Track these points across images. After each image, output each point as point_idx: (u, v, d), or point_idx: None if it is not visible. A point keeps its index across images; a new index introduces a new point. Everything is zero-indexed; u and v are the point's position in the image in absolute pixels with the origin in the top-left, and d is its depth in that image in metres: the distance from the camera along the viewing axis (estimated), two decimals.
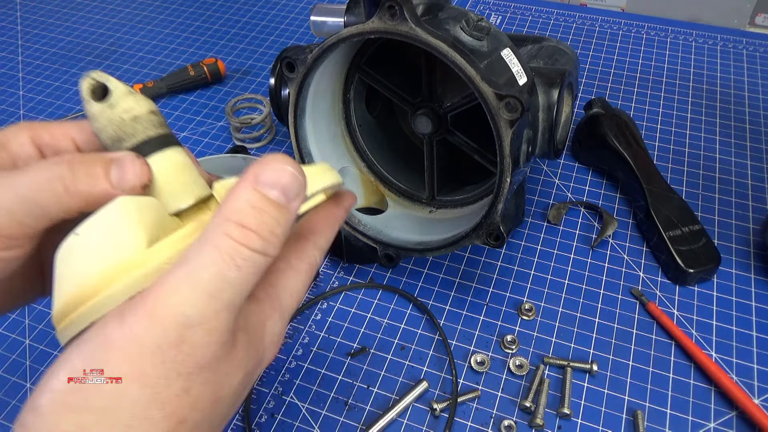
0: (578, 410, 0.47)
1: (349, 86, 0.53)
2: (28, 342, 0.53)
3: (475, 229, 0.45)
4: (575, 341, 0.51)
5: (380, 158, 0.56)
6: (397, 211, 0.55)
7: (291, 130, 0.50)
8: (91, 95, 0.26)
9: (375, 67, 0.51)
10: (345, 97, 0.53)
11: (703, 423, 0.46)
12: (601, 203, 0.62)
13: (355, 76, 0.52)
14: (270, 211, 0.24)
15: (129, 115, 0.26)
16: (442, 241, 0.48)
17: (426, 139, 0.51)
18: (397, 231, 0.52)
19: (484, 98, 0.40)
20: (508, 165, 0.41)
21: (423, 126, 0.50)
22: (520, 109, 0.39)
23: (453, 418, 0.46)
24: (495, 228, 0.44)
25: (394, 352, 0.51)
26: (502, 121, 0.40)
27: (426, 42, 0.40)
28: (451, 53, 0.40)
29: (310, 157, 0.52)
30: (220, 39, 0.90)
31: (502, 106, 0.39)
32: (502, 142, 0.40)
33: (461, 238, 0.46)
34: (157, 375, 0.22)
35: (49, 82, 0.82)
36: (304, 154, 0.51)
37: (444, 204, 0.54)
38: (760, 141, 0.69)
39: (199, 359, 0.23)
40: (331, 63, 0.48)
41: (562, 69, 0.51)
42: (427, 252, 0.49)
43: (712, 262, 0.54)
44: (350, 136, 0.55)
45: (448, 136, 0.50)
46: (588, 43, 0.85)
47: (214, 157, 0.64)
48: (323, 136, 0.53)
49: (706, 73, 0.79)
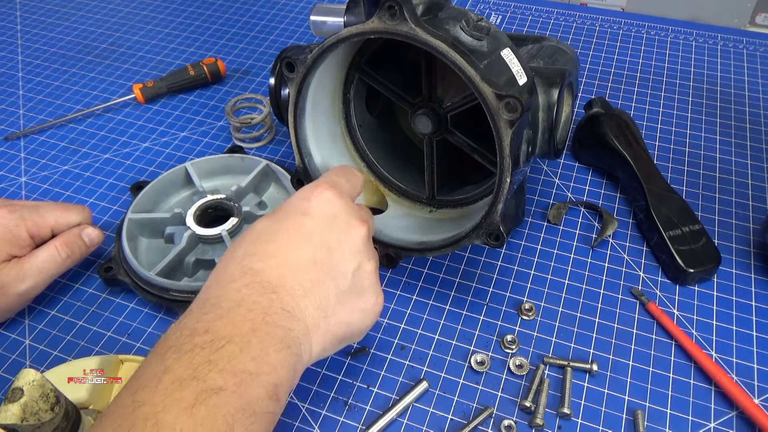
0: (578, 410, 0.47)
1: (349, 86, 0.53)
2: (28, 342, 0.53)
3: (475, 229, 0.45)
4: (575, 341, 0.51)
5: (380, 158, 0.56)
6: (398, 211, 0.55)
7: (291, 131, 0.50)
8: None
9: (375, 67, 0.51)
10: (345, 96, 0.53)
11: (703, 423, 0.46)
12: (601, 203, 0.62)
13: (355, 76, 0.52)
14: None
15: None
16: (443, 241, 0.48)
17: (426, 139, 0.51)
18: (398, 231, 0.52)
19: (483, 98, 0.40)
20: (508, 165, 0.41)
21: (423, 126, 0.50)
22: (519, 109, 0.39)
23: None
24: (495, 228, 0.44)
25: (394, 352, 0.51)
26: (502, 121, 0.40)
27: (425, 42, 0.40)
28: (451, 53, 0.40)
29: (311, 157, 0.51)
30: (220, 39, 0.90)
31: (502, 106, 0.39)
32: (502, 142, 0.40)
33: (461, 238, 0.46)
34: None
35: (49, 82, 0.82)
36: (305, 155, 0.51)
37: (444, 204, 0.54)
38: (760, 141, 0.69)
39: None
40: (331, 63, 0.47)
41: (562, 69, 0.51)
42: (428, 252, 0.49)
43: (712, 262, 0.54)
44: (350, 136, 0.55)
45: (448, 135, 0.50)
46: (588, 42, 0.85)
47: (213, 157, 0.64)
48: (323, 136, 0.53)
49: (706, 72, 0.79)
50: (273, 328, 0.34)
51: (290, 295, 0.36)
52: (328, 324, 0.37)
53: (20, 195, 0.66)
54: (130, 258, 0.54)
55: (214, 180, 0.64)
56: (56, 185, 0.67)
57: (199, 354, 0.31)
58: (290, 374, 0.34)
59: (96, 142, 0.73)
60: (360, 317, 0.40)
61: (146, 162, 0.70)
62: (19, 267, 0.49)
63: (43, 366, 0.50)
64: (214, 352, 0.31)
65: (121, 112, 0.77)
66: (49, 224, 0.52)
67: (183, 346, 0.32)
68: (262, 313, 0.34)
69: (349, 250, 0.39)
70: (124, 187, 0.67)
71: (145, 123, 0.75)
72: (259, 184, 0.63)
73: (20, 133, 0.74)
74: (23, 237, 0.50)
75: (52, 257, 0.51)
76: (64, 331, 0.53)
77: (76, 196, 0.66)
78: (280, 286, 0.36)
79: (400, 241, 0.50)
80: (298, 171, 0.52)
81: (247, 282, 0.35)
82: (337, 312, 0.38)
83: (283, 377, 0.33)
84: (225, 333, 0.32)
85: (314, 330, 0.37)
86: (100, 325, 0.54)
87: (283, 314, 0.35)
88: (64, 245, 0.52)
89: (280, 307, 0.35)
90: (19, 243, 0.50)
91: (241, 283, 0.35)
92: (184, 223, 0.57)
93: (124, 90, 0.80)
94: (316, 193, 0.41)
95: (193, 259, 0.56)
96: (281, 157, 0.70)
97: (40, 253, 0.51)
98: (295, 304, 0.36)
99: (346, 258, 0.39)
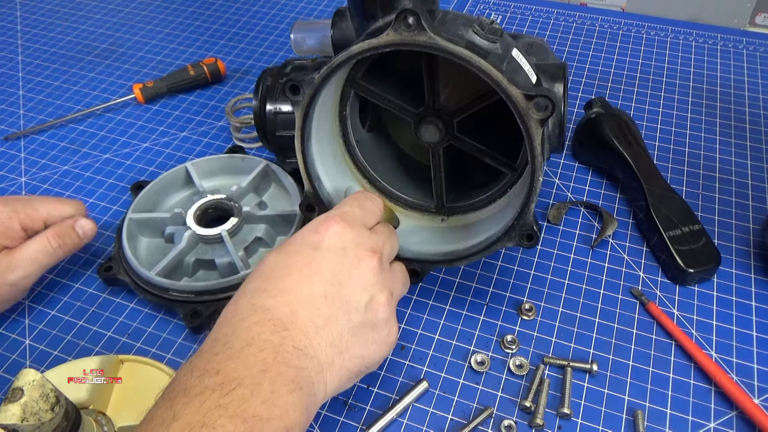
0: (578, 410, 0.47)
1: (345, 103, 0.51)
2: (28, 342, 0.53)
3: (507, 231, 0.44)
4: (575, 341, 0.51)
5: (381, 173, 0.54)
6: (410, 224, 0.53)
7: (299, 156, 0.48)
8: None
9: (370, 81, 0.49)
10: (341, 114, 0.52)
11: (703, 423, 0.46)
12: (601, 203, 0.62)
13: (351, 92, 0.50)
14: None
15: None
16: (471, 248, 0.47)
17: (432, 148, 0.50)
18: (417, 245, 0.51)
19: (512, 100, 0.39)
20: (540, 164, 0.40)
21: (430, 135, 0.49)
22: (550, 107, 0.38)
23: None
24: (529, 228, 0.44)
25: (394, 352, 0.51)
26: (533, 120, 0.39)
27: (447, 50, 0.39)
28: (475, 59, 0.39)
29: (320, 181, 0.50)
30: (220, 39, 0.90)
31: (532, 106, 0.39)
32: (533, 142, 0.40)
33: (493, 243, 0.46)
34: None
35: (49, 82, 0.82)
36: (314, 179, 0.49)
37: (455, 210, 0.53)
38: (760, 141, 0.69)
39: None
40: (333, 81, 0.46)
41: (561, 63, 0.51)
42: (457, 261, 0.48)
43: (712, 262, 0.54)
44: (349, 154, 0.53)
45: (456, 142, 0.49)
46: (588, 43, 0.85)
47: (213, 157, 0.64)
48: (327, 157, 0.51)
49: (706, 72, 0.79)
50: (285, 367, 0.33)
51: (302, 332, 0.35)
52: (342, 360, 0.37)
53: (20, 195, 0.66)
54: (130, 258, 0.54)
55: (215, 180, 0.64)
56: (56, 185, 0.67)
57: (210, 397, 0.30)
58: (303, 417, 0.33)
59: (96, 142, 0.73)
60: (374, 349, 0.39)
61: (146, 162, 0.70)
62: (10, 257, 0.49)
63: (43, 366, 0.50)
64: (224, 396, 0.31)
65: (121, 112, 0.77)
66: (41, 216, 0.52)
67: (193, 389, 0.31)
68: (273, 352, 0.33)
69: (360, 283, 0.39)
70: (124, 187, 0.67)
71: (145, 123, 0.75)
72: (260, 185, 0.63)
73: (20, 133, 0.74)
74: (16, 229, 0.50)
75: (44, 247, 0.51)
76: (64, 331, 0.53)
77: (76, 196, 0.66)
78: (291, 324, 0.35)
79: (421, 254, 0.50)
80: (309, 196, 0.50)
81: (257, 320, 0.35)
82: (351, 347, 0.38)
83: (295, 420, 0.33)
84: (236, 375, 0.32)
85: (328, 367, 0.36)
86: (100, 325, 0.54)
87: (295, 353, 0.34)
88: (55, 236, 0.51)
89: (292, 346, 0.34)
90: (11, 235, 0.50)
91: (251, 321, 0.35)
92: (184, 223, 0.57)
93: (124, 90, 0.80)
94: (326, 226, 0.40)
95: (193, 259, 0.56)
96: None
97: (31, 244, 0.50)
98: (308, 342, 0.35)
99: (357, 292, 0.39)
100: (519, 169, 0.48)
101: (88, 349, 0.52)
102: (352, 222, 0.41)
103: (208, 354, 0.33)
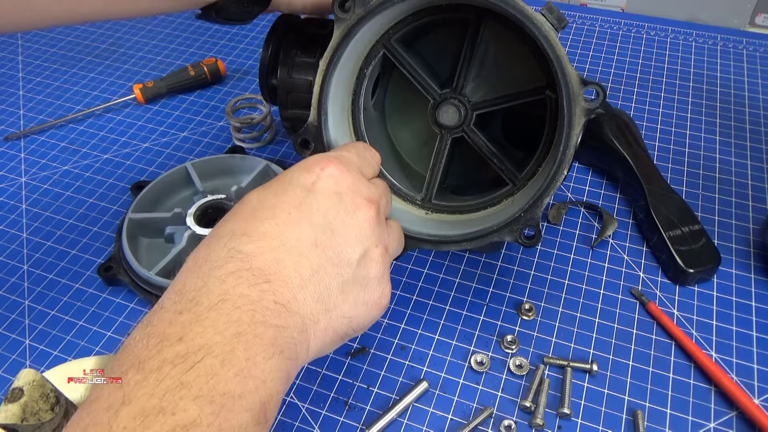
0: (578, 410, 0.47)
1: (370, 61, 0.48)
2: (28, 342, 0.53)
3: (509, 223, 0.42)
4: (575, 341, 0.51)
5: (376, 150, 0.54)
6: (396, 206, 0.52)
7: (319, 78, 0.44)
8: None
9: (404, 48, 0.47)
10: (361, 71, 0.48)
11: (703, 423, 0.46)
12: (601, 203, 0.62)
13: (379, 53, 0.47)
14: None
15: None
16: (465, 235, 0.44)
17: (441, 134, 0.48)
18: (402, 222, 0.49)
19: (567, 81, 0.37)
20: (569, 156, 0.39)
21: (449, 117, 0.46)
22: (600, 99, 0.36)
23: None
24: (535, 223, 0.41)
25: (394, 352, 0.51)
26: (579, 108, 0.37)
27: (522, 11, 0.37)
28: (546, 26, 0.37)
29: (326, 118, 0.46)
30: (220, 39, 0.90)
31: (582, 92, 0.37)
32: (572, 131, 0.38)
33: (489, 233, 0.43)
34: None
35: (49, 82, 0.82)
36: (323, 112, 0.45)
37: (440, 209, 0.52)
38: (760, 141, 0.69)
39: None
40: (371, 26, 0.43)
41: None
42: (444, 245, 0.45)
43: (712, 262, 0.54)
44: (353, 116, 0.51)
45: (469, 133, 0.48)
46: (588, 43, 0.85)
47: (213, 158, 0.64)
48: (337, 104, 0.48)
49: (706, 73, 0.79)
50: (263, 328, 0.28)
51: (286, 284, 0.31)
52: (328, 319, 0.33)
53: (20, 195, 0.66)
54: (130, 258, 0.54)
55: (215, 180, 0.64)
56: (56, 185, 0.67)
57: (170, 374, 0.25)
58: (282, 385, 0.29)
59: (96, 142, 0.73)
60: (363, 311, 0.35)
61: (146, 162, 0.70)
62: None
63: (43, 366, 0.50)
64: (188, 370, 0.25)
65: (122, 113, 0.77)
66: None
67: (148, 362, 0.25)
68: (250, 310, 0.28)
69: (355, 234, 0.35)
70: (124, 187, 0.67)
71: (145, 123, 0.75)
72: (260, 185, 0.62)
73: (20, 133, 0.74)
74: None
75: None
76: (64, 331, 0.53)
77: (76, 196, 0.66)
78: (274, 274, 0.31)
79: (406, 231, 0.46)
80: (309, 129, 0.45)
81: (233, 269, 0.30)
82: (339, 305, 0.33)
83: (273, 390, 0.28)
84: (203, 341, 0.26)
85: (312, 325, 0.32)
86: (100, 325, 0.54)
87: (276, 308, 0.30)
88: None
89: (273, 300, 0.30)
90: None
91: (226, 271, 0.30)
92: (184, 223, 0.57)
93: (124, 90, 0.80)
94: (321, 165, 0.36)
95: None
96: (281, 157, 0.70)
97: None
98: (292, 296, 0.31)
99: (351, 242, 0.34)
100: (520, 182, 0.48)
101: (88, 349, 0.52)
102: (350, 167, 0.37)
103: (170, 312, 0.28)
